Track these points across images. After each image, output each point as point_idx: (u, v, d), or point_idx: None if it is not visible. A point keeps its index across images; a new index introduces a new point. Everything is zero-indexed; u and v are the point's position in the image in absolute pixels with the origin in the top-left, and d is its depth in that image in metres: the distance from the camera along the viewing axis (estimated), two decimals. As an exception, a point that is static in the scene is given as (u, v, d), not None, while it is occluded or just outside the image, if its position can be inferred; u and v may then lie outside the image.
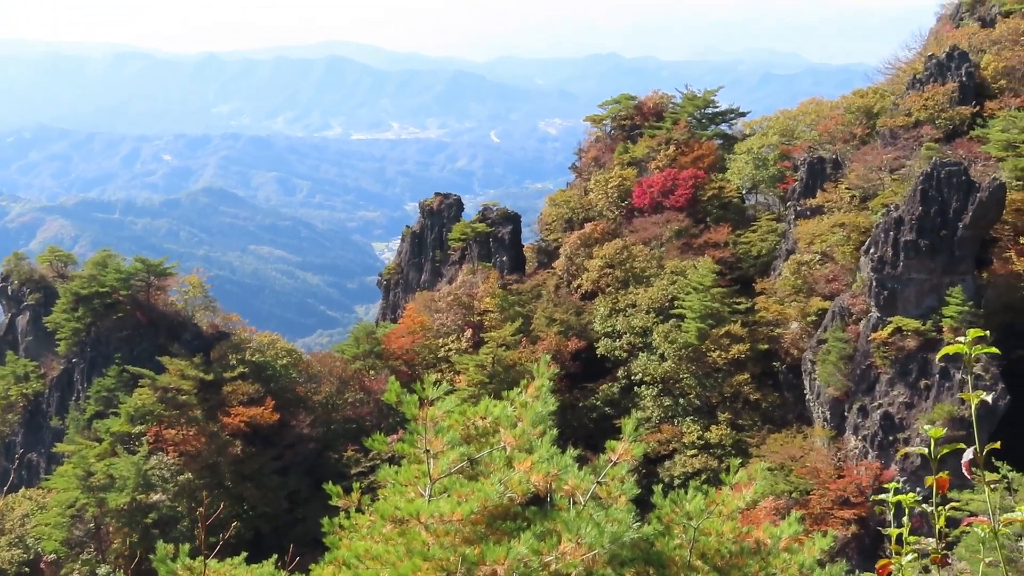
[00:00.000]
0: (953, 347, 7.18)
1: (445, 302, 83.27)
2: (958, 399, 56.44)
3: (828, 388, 63.42)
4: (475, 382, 70.87)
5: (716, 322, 70.83)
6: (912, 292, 60.19)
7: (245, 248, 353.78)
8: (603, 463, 10.16)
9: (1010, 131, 64.09)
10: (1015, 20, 75.01)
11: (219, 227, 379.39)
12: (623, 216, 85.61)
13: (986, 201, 58.71)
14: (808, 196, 73.64)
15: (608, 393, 73.95)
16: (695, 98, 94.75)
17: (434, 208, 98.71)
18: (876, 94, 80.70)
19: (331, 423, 78.02)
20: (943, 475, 7.17)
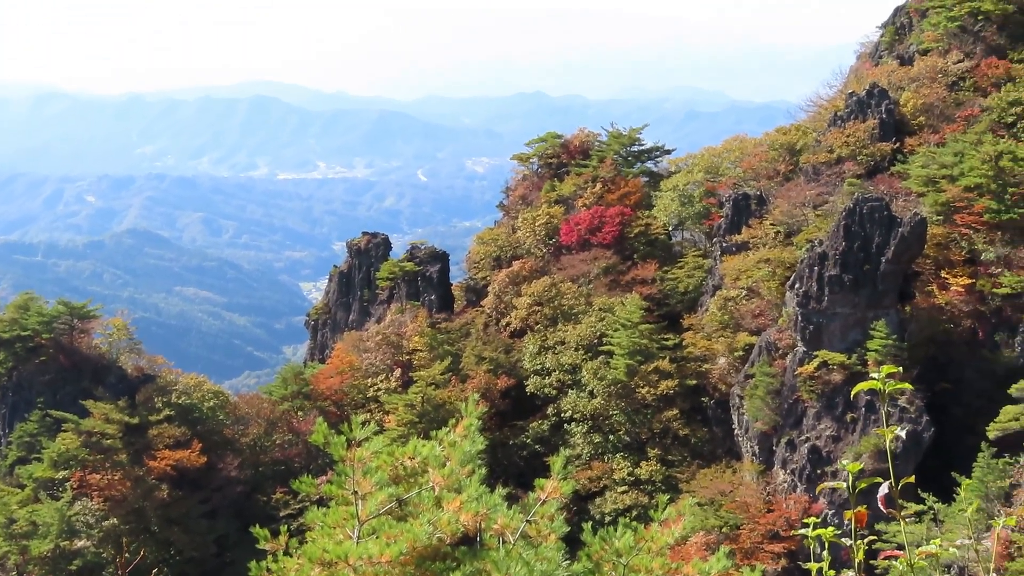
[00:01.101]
0: (867, 383, 7.29)
1: (374, 341, 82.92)
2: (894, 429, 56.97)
3: (756, 423, 63.82)
4: (405, 422, 70.53)
5: (644, 358, 71.10)
6: (837, 326, 60.83)
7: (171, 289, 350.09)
8: (532, 501, 10.12)
9: (930, 167, 65.17)
10: (932, 58, 76.43)
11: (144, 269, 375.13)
12: (551, 254, 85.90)
13: (908, 236, 59.56)
14: (733, 232, 74.30)
15: (538, 431, 73.89)
16: (621, 136, 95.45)
17: (362, 247, 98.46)
18: (798, 131, 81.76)
19: (259, 465, 77.26)
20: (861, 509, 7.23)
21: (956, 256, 62.89)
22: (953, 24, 77.17)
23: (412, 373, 77.11)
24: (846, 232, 60.44)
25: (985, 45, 75.93)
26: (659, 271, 79.87)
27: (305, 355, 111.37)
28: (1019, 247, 61.11)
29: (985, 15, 76.33)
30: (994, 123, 68.53)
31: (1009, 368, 58.19)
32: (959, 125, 69.52)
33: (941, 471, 50.52)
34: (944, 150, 65.78)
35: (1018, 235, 61.59)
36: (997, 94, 70.67)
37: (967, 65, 74.51)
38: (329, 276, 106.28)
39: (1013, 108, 68.97)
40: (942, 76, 74.23)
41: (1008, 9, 75.75)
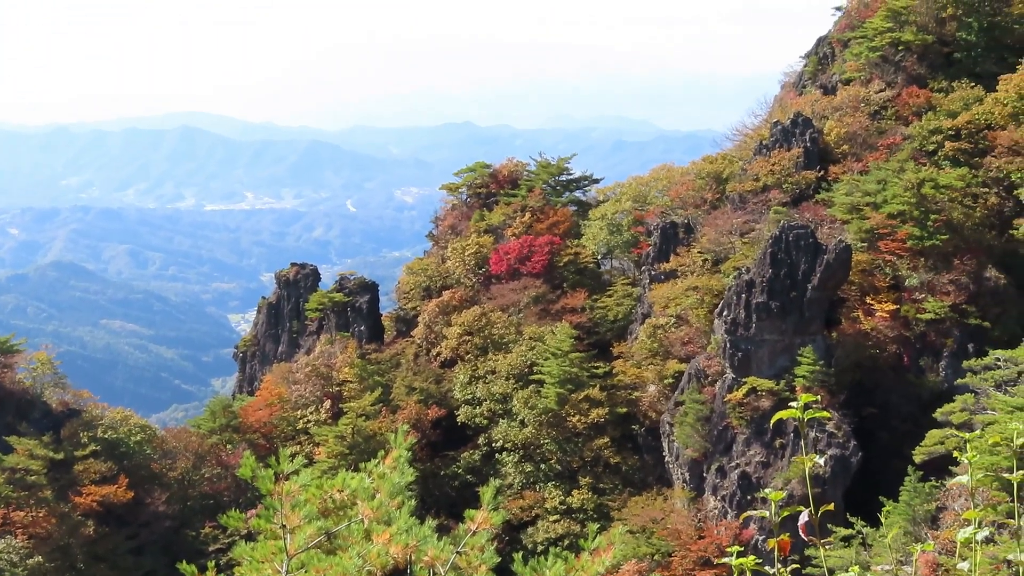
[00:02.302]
0: (786, 412, 7.34)
1: (303, 373, 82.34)
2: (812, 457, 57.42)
3: (687, 450, 64.08)
4: (335, 453, 70.04)
5: (575, 387, 71.21)
6: (765, 353, 61.34)
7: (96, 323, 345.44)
8: (463, 532, 10.07)
9: (854, 194, 66.04)
10: (855, 87, 77.57)
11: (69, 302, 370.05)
12: (481, 283, 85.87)
13: (833, 262, 60.26)
14: (662, 260, 74.77)
15: (469, 461, 73.71)
16: (549, 165, 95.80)
17: (290, 278, 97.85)
18: (725, 160, 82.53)
19: (187, 500, 76.27)
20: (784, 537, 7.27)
21: (881, 282, 63.73)
22: (875, 54, 78.41)
23: (342, 404, 76.63)
24: (772, 259, 61.02)
25: (906, 75, 77.20)
26: (589, 300, 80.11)
27: (234, 388, 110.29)
28: (942, 273, 62.04)
29: (906, 45, 77.65)
30: (916, 151, 69.64)
31: (934, 392, 58.98)
32: (882, 153, 70.54)
33: (869, 495, 51.03)
34: (867, 178, 66.71)
35: (941, 261, 62.54)
36: (918, 122, 71.86)
37: (889, 94, 75.69)
38: (258, 308, 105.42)
39: (934, 136, 70.15)
40: (865, 105, 75.34)
41: (928, 39, 77.12)
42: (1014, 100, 69.81)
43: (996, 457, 44.84)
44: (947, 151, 69.44)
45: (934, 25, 77.76)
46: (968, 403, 52.41)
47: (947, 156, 69.28)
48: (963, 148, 69.41)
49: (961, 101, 71.90)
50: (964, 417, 51.63)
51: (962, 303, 61.00)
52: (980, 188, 67.15)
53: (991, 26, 76.92)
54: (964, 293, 61.41)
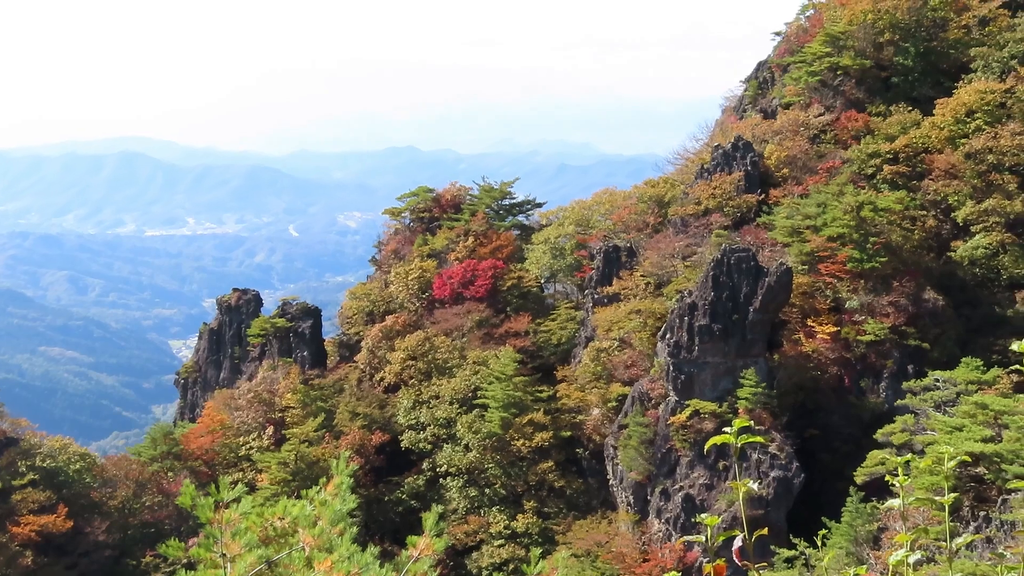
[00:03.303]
0: (720, 437, 7.37)
1: (245, 399, 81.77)
2: (755, 479, 57.75)
3: (631, 472, 64.14)
4: (278, 480, 69.54)
5: (519, 411, 71.18)
6: (708, 375, 61.56)
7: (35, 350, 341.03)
8: (405, 559, 9.99)
9: (794, 218, 66.58)
10: (794, 112, 78.34)
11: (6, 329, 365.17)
12: (424, 308, 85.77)
13: (774, 285, 60.66)
14: (605, 284, 74.97)
15: (414, 486, 73.42)
16: (492, 190, 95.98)
17: (232, 304, 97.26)
18: (667, 183, 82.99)
19: (128, 528, 75.34)
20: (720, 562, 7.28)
21: (821, 304, 64.20)
22: (814, 79, 79.26)
23: (285, 431, 76.15)
24: (714, 282, 61.34)
25: (844, 99, 78.06)
26: (532, 324, 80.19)
27: (175, 414, 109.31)
28: (881, 295, 62.62)
29: (844, 70, 78.56)
30: (855, 174, 70.37)
31: (874, 413, 59.43)
32: (821, 176, 71.20)
33: (813, 516, 51.29)
34: (807, 201, 67.28)
35: (880, 283, 63.13)
36: (857, 146, 72.63)
37: (828, 118, 76.47)
38: (199, 333, 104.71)
39: (873, 160, 70.94)
40: (804, 129, 76.08)
41: (866, 64, 78.06)
42: (950, 124, 70.74)
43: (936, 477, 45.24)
44: (885, 174, 70.23)
45: (872, 50, 78.74)
46: (908, 424, 52.88)
47: (885, 179, 70.07)
48: (901, 171, 70.24)
49: (899, 125, 72.79)
50: (904, 438, 52.10)
51: (901, 325, 61.58)
52: (918, 211, 67.93)
53: (927, 51, 77.99)
54: (903, 315, 62.01)
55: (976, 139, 68.89)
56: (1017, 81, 71.58)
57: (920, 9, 78.44)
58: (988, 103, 70.44)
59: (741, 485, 7.21)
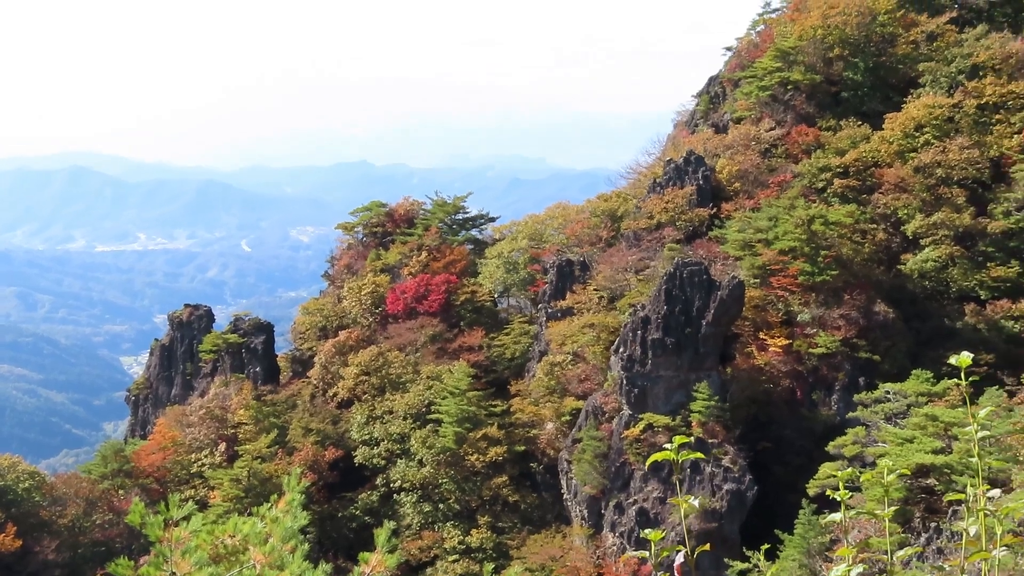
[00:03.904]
0: (662, 454, 7.38)
1: (197, 416, 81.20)
2: (709, 491, 57.93)
3: (585, 487, 64.16)
4: (230, 497, 69.06)
5: (473, 425, 71.08)
6: (661, 389, 61.70)
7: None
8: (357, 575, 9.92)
9: (746, 231, 66.94)
10: (746, 126, 78.83)
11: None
12: (378, 323, 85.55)
13: (727, 299, 60.93)
14: (558, 298, 75.04)
15: (367, 502, 73.13)
16: (445, 204, 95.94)
17: (184, 320, 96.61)
18: (619, 198, 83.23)
19: (78, 547, 74.57)
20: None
21: (773, 318, 64.56)
22: (764, 93, 79.81)
23: (237, 447, 75.71)
24: (667, 296, 61.53)
25: (795, 113, 78.66)
26: (486, 338, 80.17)
27: (126, 432, 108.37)
28: (833, 308, 63.05)
29: (794, 85, 79.18)
30: (806, 188, 70.90)
31: (826, 426, 59.79)
32: (773, 190, 71.65)
33: (766, 528, 51.49)
34: (759, 215, 67.68)
35: (831, 296, 63.56)
36: (808, 160, 73.21)
37: (779, 133, 77.00)
38: (150, 350, 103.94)
39: (823, 174, 71.54)
40: (755, 143, 76.55)
41: (816, 79, 78.72)
42: (899, 138, 71.46)
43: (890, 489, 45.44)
44: (836, 188, 70.83)
45: (822, 65, 79.40)
46: (859, 436, 53.23)
47: (836, 193, 70.64)
48: (851, 185, 70.87)
49: (849, 139, 73.44)
50: (856, 450, 52.43)
51: (852, 337, 62.02)
52: (868, 224, 68.52)
53: (876, 66, 78.76)
54: (854, 327, 62.45)
55: (925, 153, 69.62)
56: (965, 96, 72.43)
57: (869, 25, 79.22)
58: (936, 117, 71.22)
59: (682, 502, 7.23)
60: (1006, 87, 72.01)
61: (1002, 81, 72.58)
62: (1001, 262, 65.75)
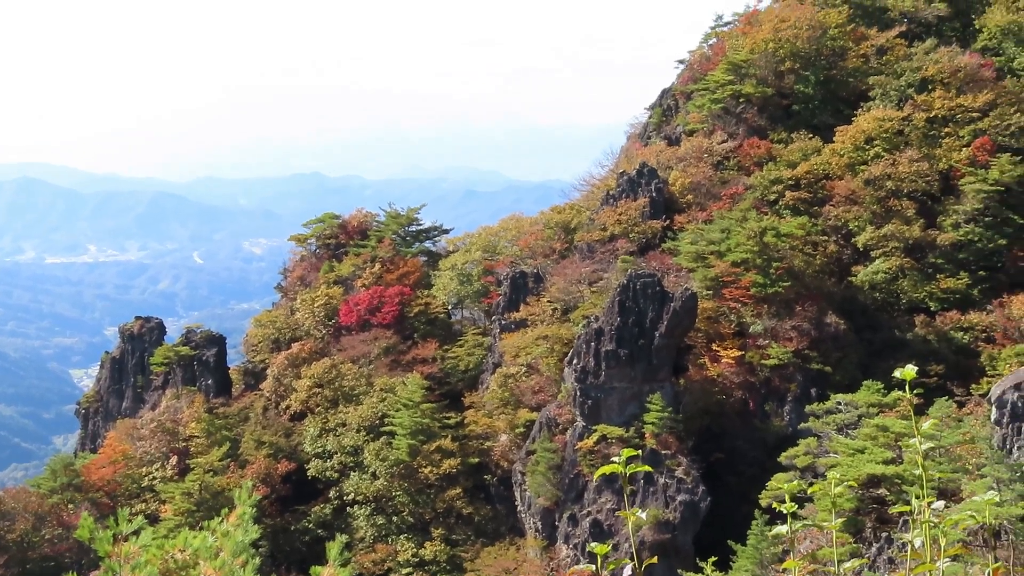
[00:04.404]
0: (608, 467, 7.39)
1: (148, 429, 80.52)
2: (663, 503, 58.08)
3: (539, 498, 64.14)
4: (182, 511, 68.51)
5: (427, 437, 70.92)
6: (615, 400, 61.81)
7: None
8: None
9: (698, 243, 67.27)
10: (698, 138, 79.28)
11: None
12: (331, 335, 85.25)
13: (680, 310, 61.16)
14: (512, 310, 75.08)
15: (320, 515, 72.74)
16: (399, 216, 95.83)
17: (135, 332, 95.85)
18: (573, 210, 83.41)
19: (27, 563, 73.70)
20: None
21: (726, 329, 64.87)
22: (717, 106, 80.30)
23: (189, 460, 75.10)
24: (621, 308, 61.68)
25: (747, 126, 79.20)
26: (440, 350, 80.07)
27: (76, 445, 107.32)
28: (785, 319, 63.44)
29: (746, 98, 79.72)
30: (757, 200, 71.39)
31: (779, 437, 60.12)
32: (725, 203, 72.07)
33: (720, 539, 51.68)
34: (711, 227, 68.04)
35: (783, 308, 63.96)
36: (759, 173, 73.73)
37: (731, 145, 77.48)
38: (101, 363, 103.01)
39: (775, 186, 72.07)
40: (708, 156, 76.99)
41: (767, 92, 79.30)
42: (850, 151, 72.11)
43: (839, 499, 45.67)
44: (787, 200, 71.37)
45: (773, 78, 80.00)
46: (811, 446, 53.56)
47: (788, 205, 71.18)
48: (803, 197, 71.44)
49: (800, 152, 74.03)
50: (808, 460, 52.74)
51: (804, 348, 62.42)
52: (819, 236, 69.08)
53: (827, 79, 79.49)
54: (806, 339, 62.87)
55: (875, 166, 70.31)
56: (914, 109, 73.24)
57: (820, 39, 79.93)
58: (886, 130, 71.96)
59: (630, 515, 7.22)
60: (955, 101, 72.87)
61: (951, 95, 73.45)
62: (950, 274, 66.47)
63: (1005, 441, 47.40)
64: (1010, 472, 43.20)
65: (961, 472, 47.05)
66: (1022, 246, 66.75)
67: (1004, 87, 75.10)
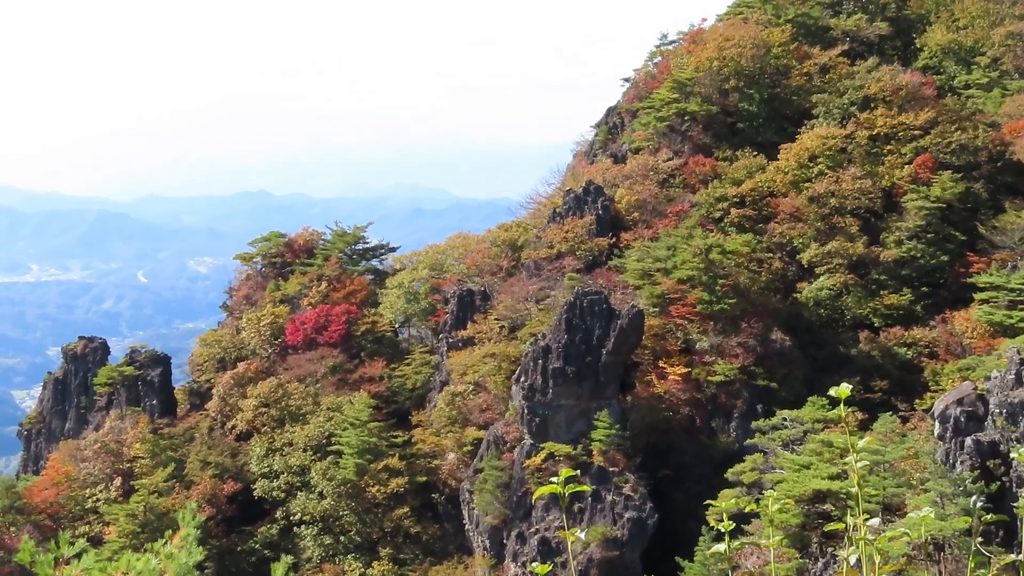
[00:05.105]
0: (547, 488, 7.44)
1: (92, 450, 79.67)
2: (610, 520, 58.13)
3: (486, 517, 64.03)
4: (126, 532, 67.84)
5: (374, 457, 70.67)
6: (562, 418, 61.84)
7: None
8: (255, 612, 9.80)
9: (645, 261, 67.54)
10: (644, 156, 79.64)
11: None
12: (277, 354, 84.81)
13: (626, 327, 61.33)
14: (459, 328, 75.00)
15: (267, 535, 72.28)
16: (345, 234, 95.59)
17: (78, 353, 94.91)
18: (520, 227, 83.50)
19: (-33, 587, 72.79)
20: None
21: (672, 346, 65.12)
22: (662, 124, 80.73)
23: (133, 482, 74.38)
24: (568, 325, 61.78)
25: (692, 144, 79.66)
26: (387, 368, 79.87)
27: (18, 467, 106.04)
28: (731, 336, 63.78)
29: (691, 116, 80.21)
30: (703, 218, 71.80)
31: (725, 453, 60.36)
32: (671, 220, 72.42)
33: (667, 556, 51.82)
34: (657, 244, 68.34)
35: (729, 324, 64.31)
36: (705, 190, 74.17)
37: (676, 163, 77.89)
38: (44, 383, 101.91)
39: (720, 203, 72.53)
40: (653, 173, 77.34)
41: (712, 110, 79.83)
42: (794, 168, 72.74)
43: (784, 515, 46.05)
44: (733, 218, 71.84)
45: (718, 96, 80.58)
46: (757, 462, 53.82)
47: (733, 222, 71.64)
48: (748, 215, 71.93)
49: (745, 169, 74.57)
50: (754, 476, 52.99)
51: (750, 365, 62.77)
52: (764, 253, 69.56)
53: (771, 97, 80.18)
54: (752, 355, 63.23)
55: (819, 183, 70.95)
56: (857, 127, 74.01)
57: (763, 57, 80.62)
58: (830, 148, 72.67)
59: (571, 535, 7.27)
60: (896, 118, 73.70)
61: (893, 112, 74.29)
62: (893, 290, 67.13)
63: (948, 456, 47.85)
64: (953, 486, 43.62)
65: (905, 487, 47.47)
66: (964, 262, 67.50)
67: (945, 105, 76.05)
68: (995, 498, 44.16)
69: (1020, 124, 73.55)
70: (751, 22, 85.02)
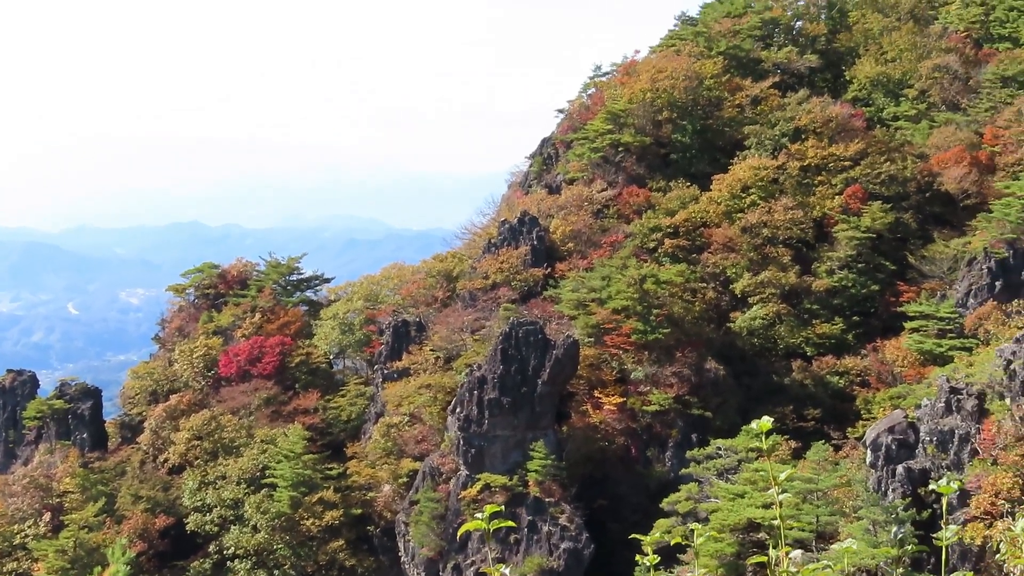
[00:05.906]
0: (472, 524, 7.46)
1: (20, 485, 78.40)
2: (547, 551, 58.06)
3: (422, 549, 63.70)
4: (56, 569, 66.74)
5: (309, 489, 70.13)
6: (498, 448, 61.78)
7: None
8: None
9: (580, 291, 67.77)
10: (578, 187, 79.98)
11: None
12: (210, 386, 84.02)
13: (562, 357, 61.47)
14: (394, 359, 74.76)
15: (200, 570, 71.40)
16: (279, 265, 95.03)
17: (7, 386, 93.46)
18: (455, 258, 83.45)
19: None
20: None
21: (608, 376, 65.33)
22: (596, 155, 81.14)
23: (63, 517, 73.28)
24: (503, 356, 61.79)
25: (626, 174, 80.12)
26: (321, 400, 79.40)
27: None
28: (665, 366, 64.09)
29: (625, 147, 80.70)
30: (637, 248, 72.25)
31: (661, 482, 60.56)
32: (605, 250, 72.75)
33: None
34: (592, 275, 68.60)
35: (664, 354, 64.64)
36: (639, 220, 74.66)
37: (610, 193, 78.29)
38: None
39: (654, 234, 73.04)
40: (588, 204, 77.67)
41: (645, 141, 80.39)
42: (727, 199, 73.42)
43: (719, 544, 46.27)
44: (667, 248, 72.36)
45: (651, 127, 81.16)
46: (693, 492, 54.04)
47: (667, 253, 72.15)
48: (681, 245, 72.50)
49: (678, 200, 75.14)
50: (689, 506, 53.20)
51: (685, 394, 63.10)
52: (698, 283, 70.09)
53: (704, 129, 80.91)
54: (687, 385, 63.56)
55: (751, 213, 71.68)
56: (788, 158, 74.92)
57: (696, 89, 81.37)
58: (762, 179, 73.49)
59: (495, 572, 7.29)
60: (827, 150, 74.72)
61: (823, 144, 75.33)
62: (825, 319, 67.92)
63: (880, 483, 48.34)
64: (885, 514, 44.06)
65: (838, 515, 47.86)
66: (894, 291, 68.42)
67: (874, 136, 77.24)
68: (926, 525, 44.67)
69: (948, 155, 74.80)
70: (684, 54, 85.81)
